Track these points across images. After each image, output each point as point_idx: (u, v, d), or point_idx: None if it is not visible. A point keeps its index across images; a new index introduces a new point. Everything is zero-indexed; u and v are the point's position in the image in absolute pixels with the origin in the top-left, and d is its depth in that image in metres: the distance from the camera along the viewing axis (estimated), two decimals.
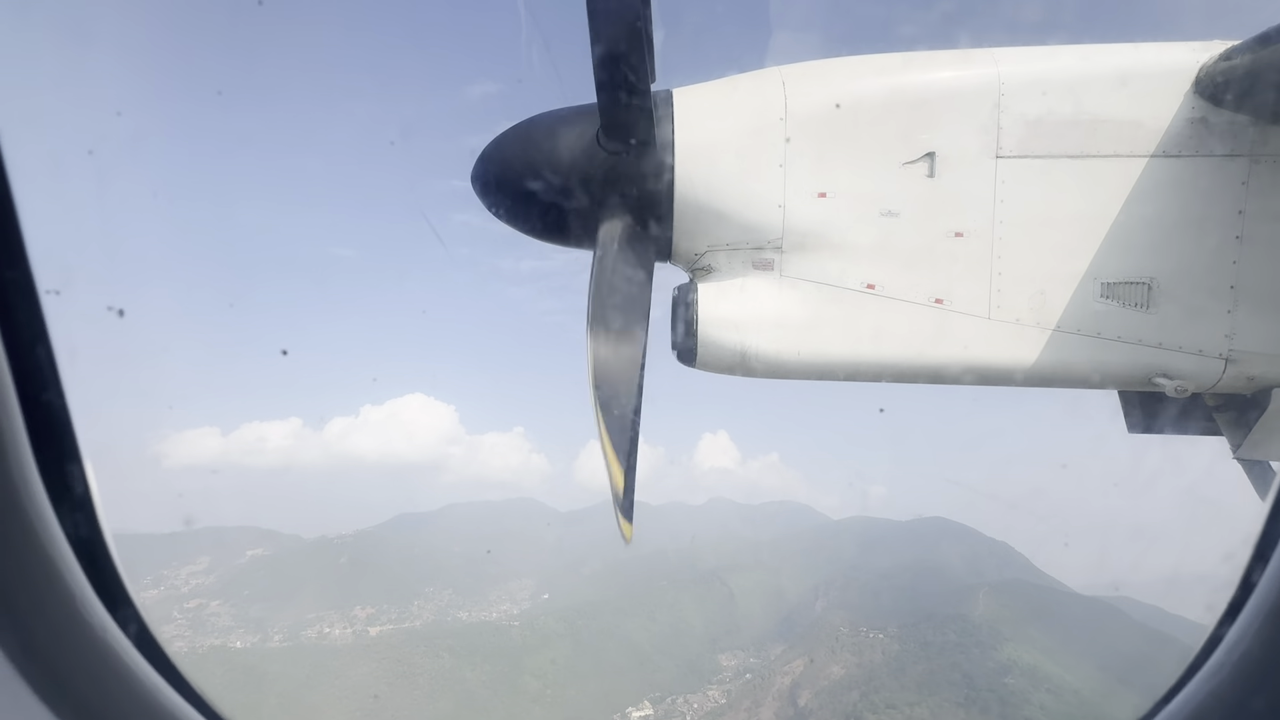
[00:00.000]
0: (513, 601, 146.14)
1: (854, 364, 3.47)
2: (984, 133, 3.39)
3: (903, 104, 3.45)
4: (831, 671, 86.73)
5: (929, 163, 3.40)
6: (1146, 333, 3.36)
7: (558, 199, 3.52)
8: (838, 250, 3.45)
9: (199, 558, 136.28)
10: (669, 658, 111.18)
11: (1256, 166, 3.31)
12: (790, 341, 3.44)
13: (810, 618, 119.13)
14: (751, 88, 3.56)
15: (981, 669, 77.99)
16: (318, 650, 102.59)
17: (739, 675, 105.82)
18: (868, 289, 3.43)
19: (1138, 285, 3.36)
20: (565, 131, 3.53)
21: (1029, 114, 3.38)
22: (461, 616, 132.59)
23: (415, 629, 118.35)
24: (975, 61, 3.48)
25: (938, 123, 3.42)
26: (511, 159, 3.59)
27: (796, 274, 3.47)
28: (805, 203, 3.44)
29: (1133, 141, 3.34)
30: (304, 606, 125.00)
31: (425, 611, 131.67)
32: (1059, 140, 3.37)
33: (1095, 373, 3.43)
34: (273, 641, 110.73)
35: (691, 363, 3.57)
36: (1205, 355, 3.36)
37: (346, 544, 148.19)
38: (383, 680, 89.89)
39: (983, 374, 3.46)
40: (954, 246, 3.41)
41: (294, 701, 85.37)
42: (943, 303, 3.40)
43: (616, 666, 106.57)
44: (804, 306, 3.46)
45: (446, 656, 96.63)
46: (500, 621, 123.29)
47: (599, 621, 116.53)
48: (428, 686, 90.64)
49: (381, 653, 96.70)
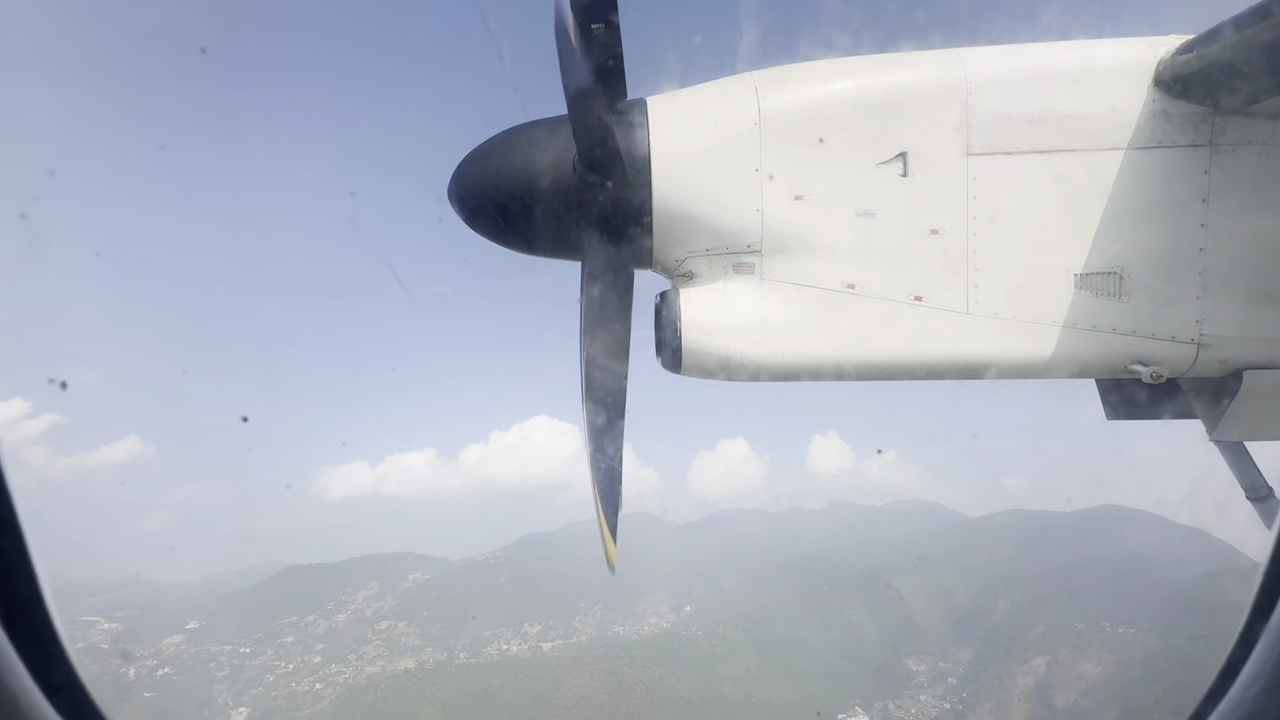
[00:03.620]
0: (658, 615, 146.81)
1: (837, 364, 3.48)
2: (954, 131, 3.43)
3: (875, 105, 3.49)
4: (1086, 670, 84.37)
5: (902, 162, 3.44)
6: (1120, 322, 3.40)
7: (536, 213, 3.54)
8: (817, 252, 3.48)
9: (370, 583, 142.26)
10: (854, 663, 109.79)
11: (1218, 156, 3.35)
12: (773, 344, 3.46)
13: (993, 618, 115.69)
14: (725, 94, 3.59)
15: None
16: (513, 664, 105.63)
17: (937, 679, 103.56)
18: (848, 289, 3.46)
19: (1109, 275, 3.40)
20: (542, 145, 3.54)
21: (997, 111, 3.43)
22: (618, 631, 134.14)
23: (582, 644, 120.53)
24: (943, 61, 3.52)
25: (909, 123, 3.47)
26: (489, 174, 3.60)
27: (777, 277, 3.49)
28: (783, 206, 3.46)
29: (1097, 135, 3.39)
30: (479, 625, 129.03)
31: (587, 626, 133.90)
32: (1027, 136, 3.41)
33: (1073, 363, 3.44)
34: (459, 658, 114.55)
35: (676, 368, 3.54)
36: (1178, 341, 3.40)
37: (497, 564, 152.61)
38: (602, 689, 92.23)
39: (963, 368, 3.50)
40: (930, 244, 3.45)
41: (550, 705, 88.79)
42: (922, 300, 3.44)
43: (808, 673, 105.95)
44: (785, 309, 3.48)
45: (652, 667, 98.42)
46: (654, 635, 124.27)
47: (775, 630, 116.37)
48: (645, 696, 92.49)
49: (589, 664, 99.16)
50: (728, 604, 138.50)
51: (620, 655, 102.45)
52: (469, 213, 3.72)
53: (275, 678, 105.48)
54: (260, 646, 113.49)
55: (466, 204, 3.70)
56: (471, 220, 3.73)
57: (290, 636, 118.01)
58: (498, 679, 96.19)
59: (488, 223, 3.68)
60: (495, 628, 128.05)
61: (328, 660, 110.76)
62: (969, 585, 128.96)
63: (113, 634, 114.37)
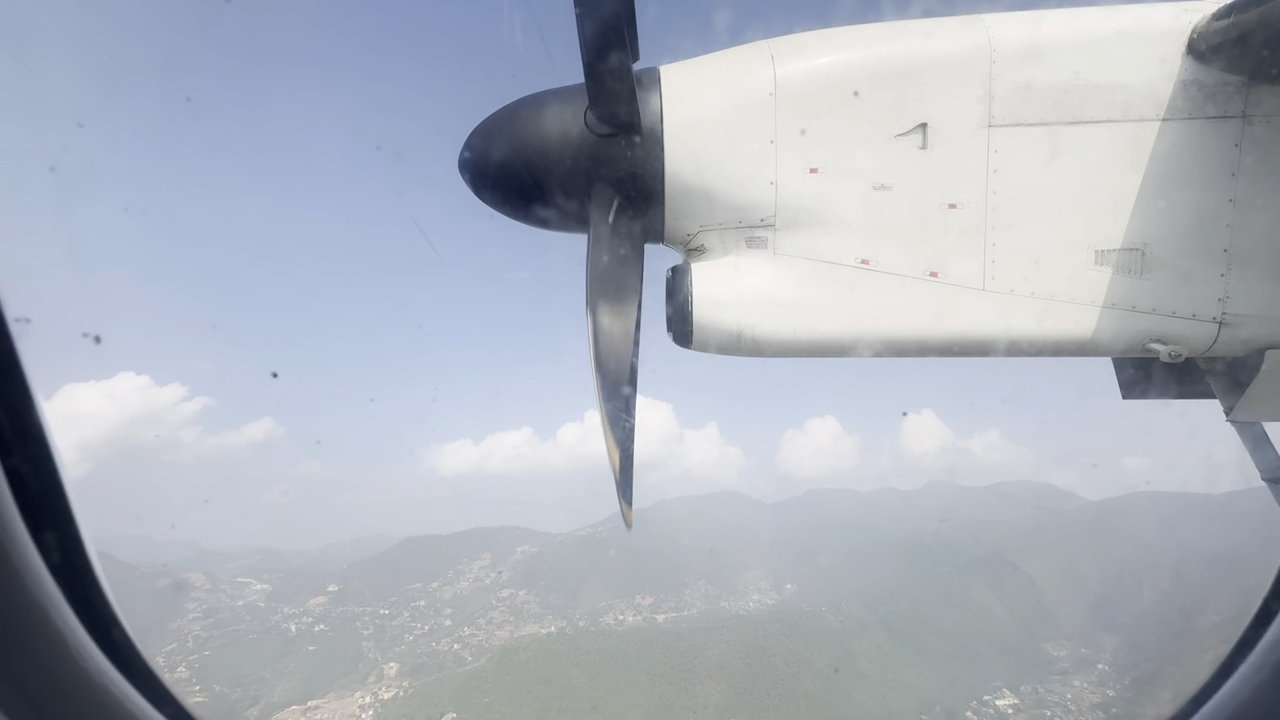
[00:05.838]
0: (760, 592, 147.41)
1: (850, 340, 3.42)
2: (976, 102, 3.31)
3: (894, 75, 3.36)
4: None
5: (921, 134, 3.32)
6: (1140, 299, 3.31)
7: (546, 183, 3.46)
8: (831, 226, 3.39)
9: (482, 554, 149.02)
10: (985, 645, 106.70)
11: (1249, 128, 3.21)
12: (785, 319, 3.40)
13: (1137, 605, 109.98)
14: (739, 63, 3.45)
15: None
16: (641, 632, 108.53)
17: (1084, 665, 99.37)
18: (862, 264, 3.38)
19: (1131, 252, 3.30)
20: (552, 114, 3.43)
21: (1020, 81, 3.30)
22: (724, 606, 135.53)
23: (694, 616, 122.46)
24: (966, 28, 3.36)
25: (930, 93, 3.33)
26: (498, 144, 3.50)
27: (790, 251, 3.42)
28: (797, 179, 3.37)
29: (1125, 106, 3.26)
30: (593, 595, 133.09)
31: (696, 600, 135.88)
32: (1051, 107, 3.29)
33: (1090, 341, 3.36)
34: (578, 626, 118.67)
35: (687, 344, 3.49)
36: (1199, 319, 3.31)
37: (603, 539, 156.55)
38: (739, 659, 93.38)
39: (978, 346, 3.41)
40: (948, 219, 3.34)
41: (691, 672, 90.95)
42: (937, 276, 3.35)
43: (939, 653, 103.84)
44: (798, 284, 3.42)
45: (785, 639, 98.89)
46: (758, 611, 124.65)
47: (899, 609, 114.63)
48: (784, 668, 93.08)
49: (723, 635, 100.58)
50: (833, 582, 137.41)
51: (751, 627, 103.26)
52: (478, 183, 3.64)
53: (414, 637, 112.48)
54: (396, 609, 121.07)
55: (475, 174, 3.63)
56: (480, 190, 3.66)
57: (422, 601, 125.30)
58: (634, 646, 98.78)
59: (497, 193, 3.61)
60: (608, 599, 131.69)
61: (458, 624, 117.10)
62: (1102, 570, 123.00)
63: (266, 593, 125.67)
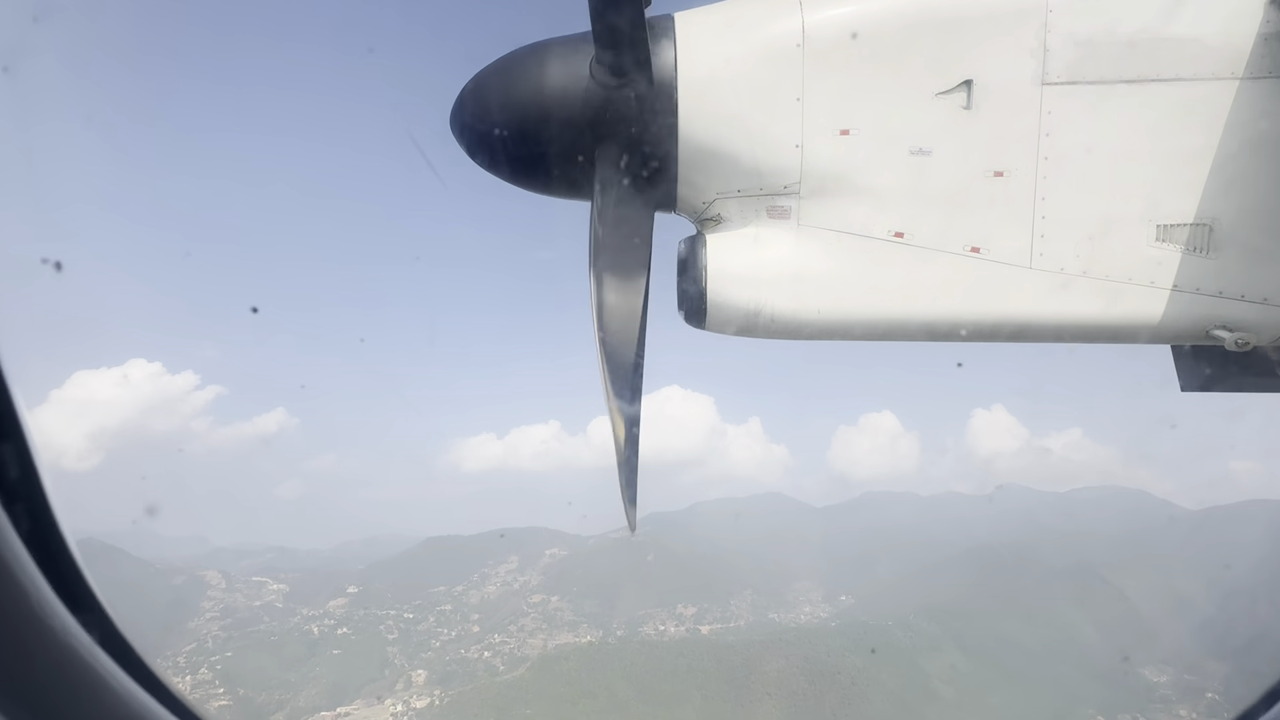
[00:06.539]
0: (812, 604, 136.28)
1: (881, 322, 3.16)
2: (1029, 57, 3.01)
3: (936, 26, 3.06)
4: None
5: (965, 93, 3.04)
6: (1205, 280, 3.04)
7: (546, 143, 3.15)
8: (862, 194, 3.11)
9: (509, 557, 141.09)
10: (1074, 668, 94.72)
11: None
12: (810, 298, 3.13)
13: (1249, 629, 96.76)
14: (764, 10, 3.16)
15: None
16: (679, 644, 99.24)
17: (1191, 693, 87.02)
18: (896, 238, 3.11)
19: (1198, 227, 3.00)
20: (554, 64, 3.13)
21: (1080, 34, 3.00)
22: (774, 618, 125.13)
23: (741, 628, 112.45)
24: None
25: (976, 47, 3.05)
26: (493, 98, 3.19)
27: (816, 222, 3.14)
28: (826, 141, 3.09)
29: (1197, 63, 2.95)
30: (630, 603, 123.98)
31: (742, 611, 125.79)
32: (1113, 64, 2.98)
33: (1147, 326, 3.10)
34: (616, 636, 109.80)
35: (700, 324, 3.23)
36: (1270, 304, 3.04)
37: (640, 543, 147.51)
38: (800, 676, 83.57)
39: (1023, 329, 3.16)
40: (993, 188, 3.07)
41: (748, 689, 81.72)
42: (979, 251, 3.10)
43: (1023, 675, 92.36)
44: (825, 258, 3.14)
45: (851, 655, 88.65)
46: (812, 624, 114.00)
47: (974, 625, 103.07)
48: (851, 686, 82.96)
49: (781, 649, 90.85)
50: (896, 595, 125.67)
51: (810, 642, 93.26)
52: (471, 143, 3.28)
53: (441, 643, 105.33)
54: (420, 613, 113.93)
55: (468, 132, 3.26)
56: (474, 151, 3.29)
57: (447, 605, 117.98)
58: (683, 659, 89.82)
59: (493, 154, 3.25)
60: (647, 607, 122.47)
61: (487, 630, 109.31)
62: (1209, 587, 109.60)
63: (283, 594, 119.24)
